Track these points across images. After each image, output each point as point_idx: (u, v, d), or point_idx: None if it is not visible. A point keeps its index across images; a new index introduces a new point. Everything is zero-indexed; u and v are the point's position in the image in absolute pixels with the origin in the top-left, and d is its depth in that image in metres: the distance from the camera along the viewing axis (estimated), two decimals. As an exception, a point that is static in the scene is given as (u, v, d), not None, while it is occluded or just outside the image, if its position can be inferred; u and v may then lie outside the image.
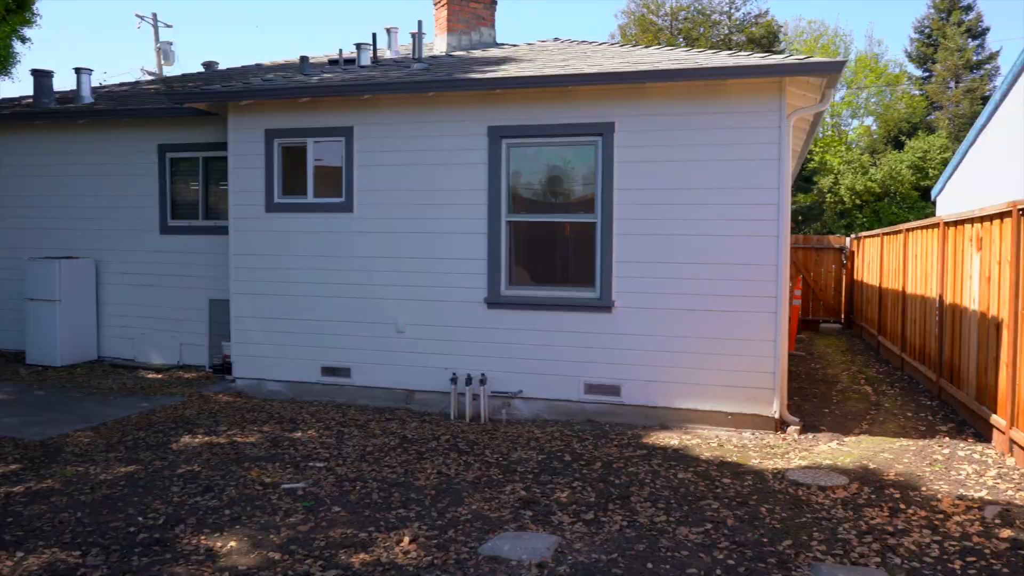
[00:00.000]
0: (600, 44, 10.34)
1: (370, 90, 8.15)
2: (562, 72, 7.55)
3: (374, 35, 11.14)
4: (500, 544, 4.57)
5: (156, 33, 30.75)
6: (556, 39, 11.05)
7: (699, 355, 7.44)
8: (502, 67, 8.49)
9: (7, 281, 10.84)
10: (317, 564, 4.32)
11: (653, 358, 7.57)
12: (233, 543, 4.59)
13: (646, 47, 9.63)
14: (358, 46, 10.48)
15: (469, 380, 7.91)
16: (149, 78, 23.37)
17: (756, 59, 7.41)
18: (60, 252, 10.55)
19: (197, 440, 6.81)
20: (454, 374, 7.99)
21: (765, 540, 4.68)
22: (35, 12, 14.50)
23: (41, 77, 11.12)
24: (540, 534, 4.75)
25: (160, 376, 9.56)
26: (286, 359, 8.71)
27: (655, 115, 7.53)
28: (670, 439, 7.07)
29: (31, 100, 11.37)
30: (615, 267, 7.66)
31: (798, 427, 7.37)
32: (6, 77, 14.67)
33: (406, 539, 4.65)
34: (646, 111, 7.55)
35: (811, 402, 8.79)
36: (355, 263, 8.46)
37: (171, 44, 30.47)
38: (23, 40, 14.76)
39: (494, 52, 10.37)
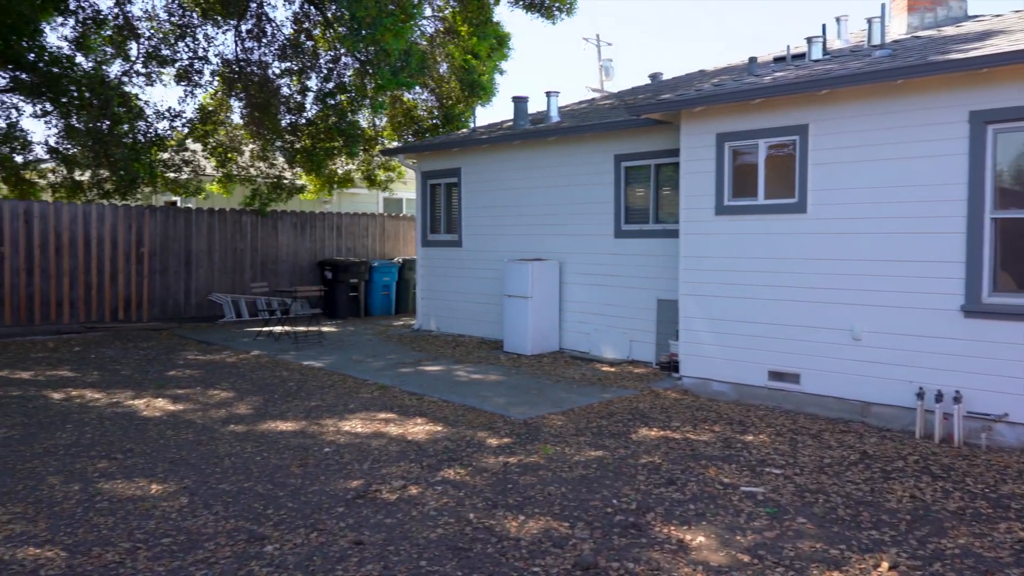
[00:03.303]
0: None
1: (827, 84, 7.75)
2: (1075, 39, 6.33)
3: (823, 26, 10.63)
4: (1003, 589, 4.00)
5: (599, 52, 33.24)
6: (1054, 1, 9.33)
7: None
8: (987, 42, 7.43)
9: (492, 280, 12.69)
10: (788, 574, 4.23)
11: None
12: (701, 538, 4.73)
13: None
14: (808, 40, 10.07)
15: (939, 397, 7.08)
16: (595, 95, 25.35)
17: None
18: (532, 254, 12.00)
19: (653, 433, 7.18)
20: (920, 389, 7.23)
21: None
22: (510, 47, 16.79)
23: (518, 102, 12.79)
24: (1055, 586, 4.05)
25: (612, 369, 10.31)
26: (732, 360, 8.74)
27: None
28: None
29: (510, 123, 13.15)
30: None
31: None
32: (488, 104, 17.24)
33: (884, 564, 4.32)
34: None
35: None
36: (806, 265, 8.15)
37: (611, 61, 32.74)
38: (500, 72, 17.19)
39: (970, 27, 9.15)
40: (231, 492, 5.51)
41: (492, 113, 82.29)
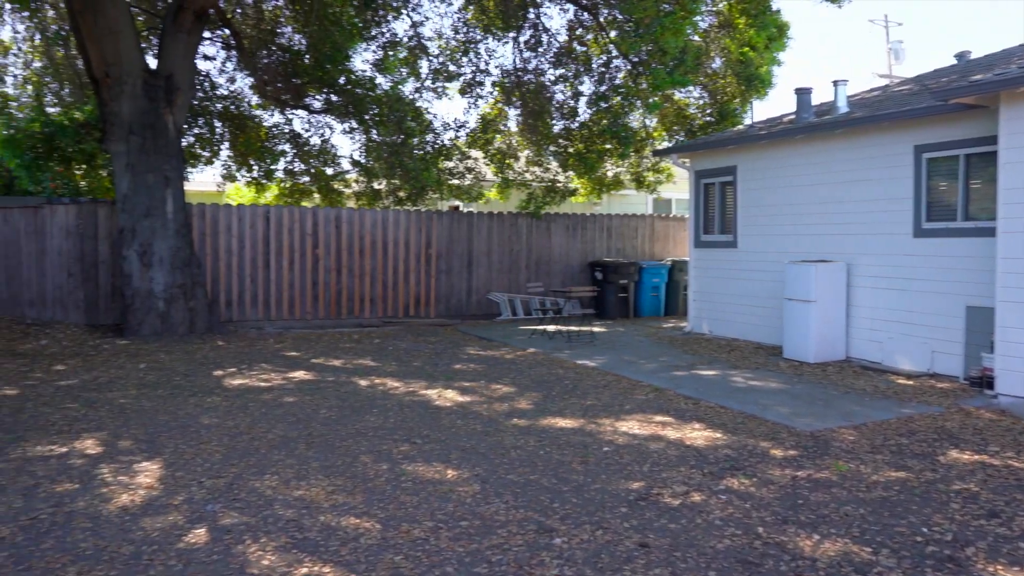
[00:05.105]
0: None
1: None
2: None
3: None
4: None
5: (887, 34, 30.40)
6: None
7: None
8: None
9: (770, 282, 12.09)
10: None
11: None
12: (1040, 583, 4.10)
13: None
14: None
15: None
16: (883, 81, 23.27)
17: None
18: (815, 256, 11.25)
19: (965, 457, 6.37)
20: None
21: None
22: (789, 36, 15.92)
23: (801, 94, 12.06)
24: None
25: (910, 383, 9.34)
26: (1066, 379, 7.52)
27: None
28: None
29: (791, 116, 12.45)
30: None
31: None
32: (764, 98, 16.49)
33: None
34: None
35: None
36: None
37: (901, 43, 29.79)
38: (778, 63, 16.36)
39: None
40: (519, 483, 5.76)
41: (769, 107, 78.26)
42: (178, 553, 4.47)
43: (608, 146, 16.08)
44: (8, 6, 14.86)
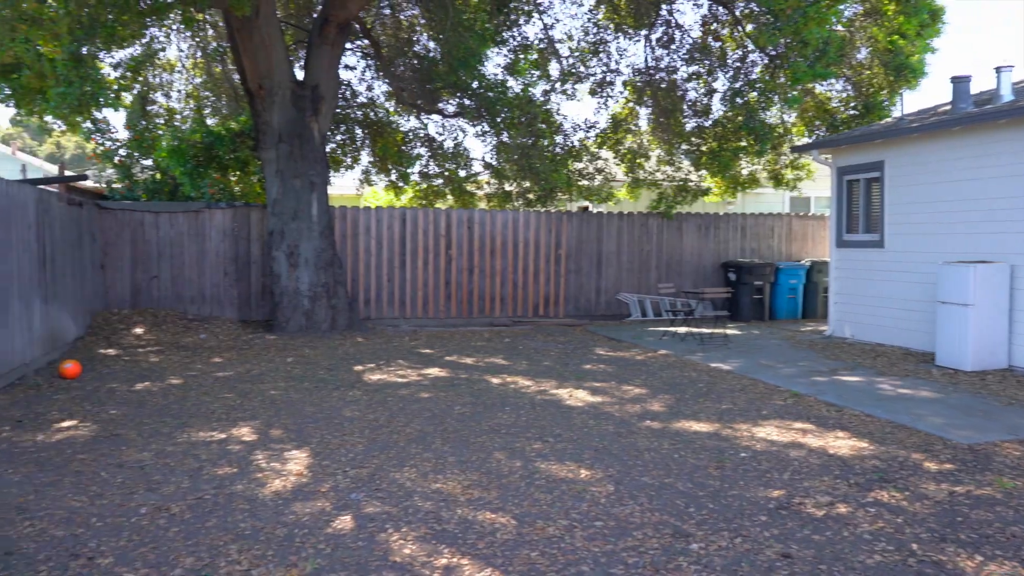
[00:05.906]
0: None
1: None
2: None
3: None
4: None
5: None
6: None
7: None
8: None
9: (920, 284, 11.36)
10: None
11: None
12: None
13: None
14: None
15: None
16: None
17: None
18: (971, 256, 10.47)
19: None
20: None
21: None
22: (943, 22, 14.91)
23: (958, 83, 11.26)
24: None
25: (1084, 395, 8.55)
26: None
27: None
28: None
29: (946, 107, 11.64)
30: None
31: None
32: (915, 89, 15.50)
33: None
34: None
35: None
36: None
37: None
38: (931, 51, 15.36)
39: None
40: (653, 486, 5.69)
41: (920, 98, 73.40)
42: (326, 538, 4.71)
43: (743, 143, 15.59)
44: (175, 27, 16.10)
